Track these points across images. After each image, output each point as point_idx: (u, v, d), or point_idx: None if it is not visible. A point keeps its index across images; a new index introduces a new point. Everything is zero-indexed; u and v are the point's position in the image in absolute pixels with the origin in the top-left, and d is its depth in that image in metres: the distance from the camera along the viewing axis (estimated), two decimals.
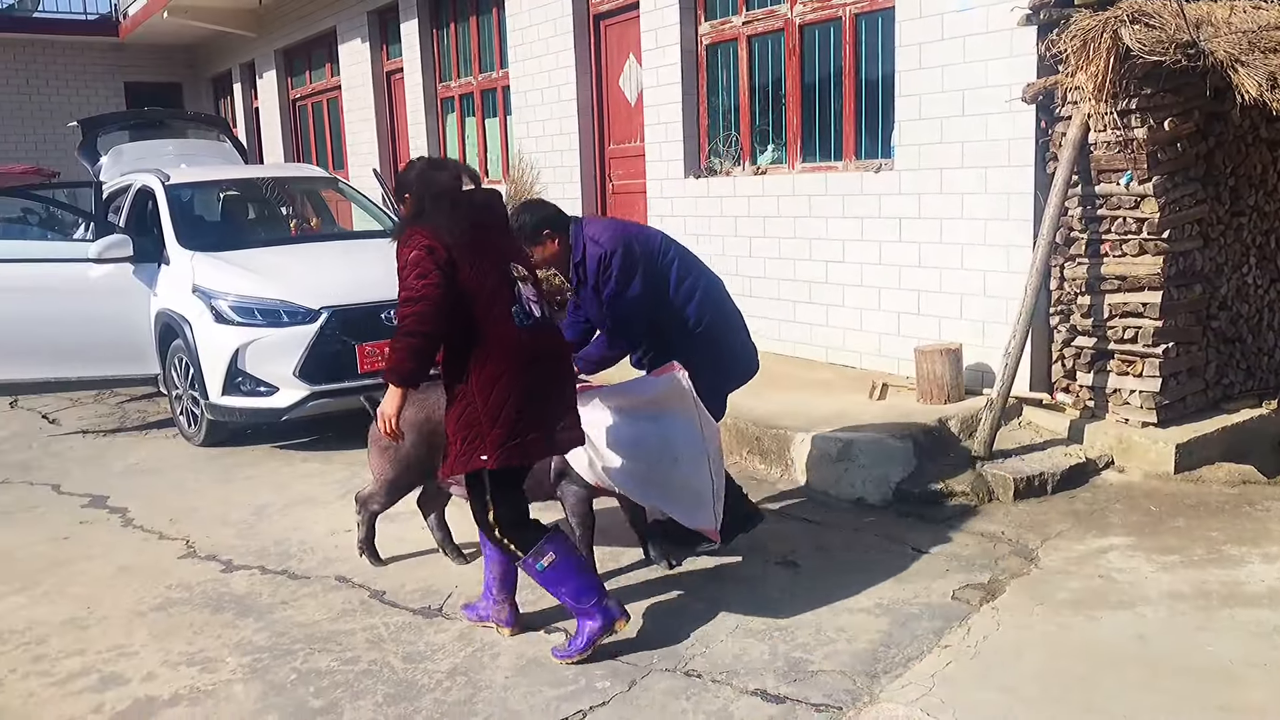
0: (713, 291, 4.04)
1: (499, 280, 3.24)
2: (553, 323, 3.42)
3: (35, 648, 3.64)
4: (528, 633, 3.57)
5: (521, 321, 3.25)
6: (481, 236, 3.25)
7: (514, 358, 3.21)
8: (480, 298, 3.19)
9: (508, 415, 3.19)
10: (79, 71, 17.66)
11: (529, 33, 8.97)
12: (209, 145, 9.67)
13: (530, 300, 3.30)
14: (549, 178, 8.96)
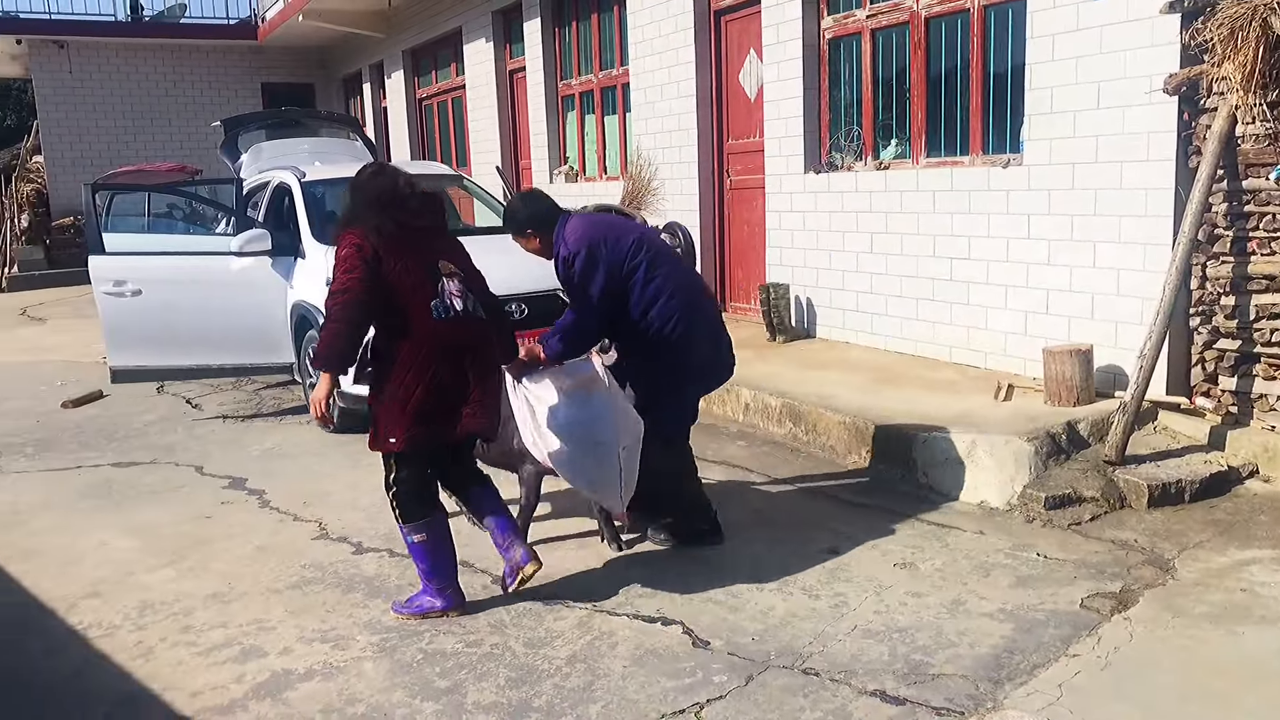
0: (683, 296, 4.10)
1: (423, 276, 3.55)
2: (475, 316, 3.65)
3: (183, 619, 3.85)
4: (646, 624, 3.61)
5: (440, 314, 3.54)
6: (409, 236, 3.56)
7: (427, 348, 3.52)
8: (402, 290, 3.50)
9: (416, 402, 3.52)
10: (220, 73, 18.54)
11: (649, 29, 9.02)
12: (341, 143, 10.02)
13: (453, 295, 3.57)
14: (667, 174, 9.00)
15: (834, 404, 5.69)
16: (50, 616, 3.94)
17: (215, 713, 3.17)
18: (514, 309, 6.18)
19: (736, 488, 5.08)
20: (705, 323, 4.22)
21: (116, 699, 3.29)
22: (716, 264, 8.84)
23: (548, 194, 4.46)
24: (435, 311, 3.54)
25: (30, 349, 10.43)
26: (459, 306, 3.59)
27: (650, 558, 4.22)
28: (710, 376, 4.40)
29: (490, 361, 3.77)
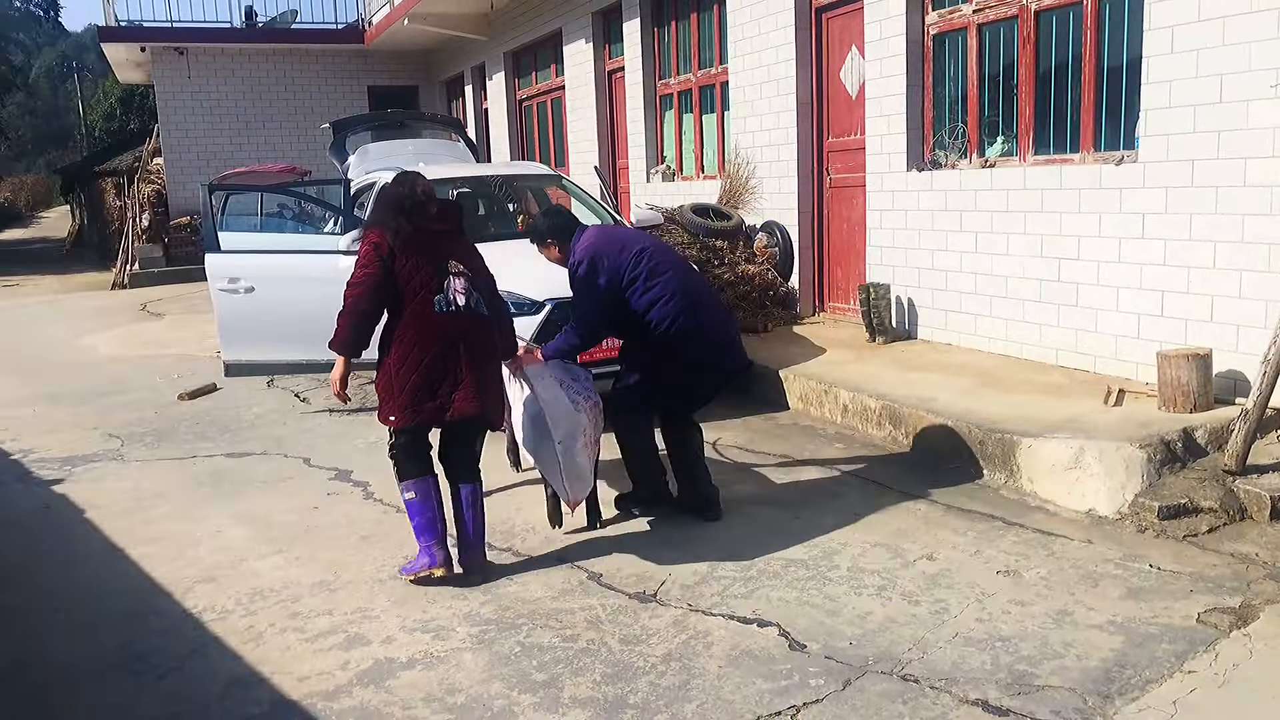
0: (683, 300, 4.50)
1: (431, 273, 3.96)
2: (476, 312, 4.04)
3: (291, 605, 3.98)
4: (742, 625, 3.60)
5: (441, 308, 3.95)
6: (422, 237, 3.98)
7: (425, 337, 3.94)
8: (410, 285, 3.94)
9: (411, 386, 3.96)
10: (328, 77, 19.10)
11: (749, 28, 8.98)
12: (444, 144, 10.22)
13: (456, 292, 3.98)
14: (765, 172, 8.95)
15: (935, 407, 5.58)
16: (167, 599, 4.12)
17: (321, 697, 3.26)
18: None
19: (834, 490, 5.02)
20: (705, 328, 4.56)
21: (228, 680, 3.41)
22: (815, 263, 8.75)
23: (568, 210, 5.02)
24: (438, 305, 3.95)
25: (149, 343, 10.89)
26: (460, 302, 3.99)
27: (747, 560, 4.19)
28: (705, 374, 4.68)
29: (487, 353, 4.11)
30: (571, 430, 4.34)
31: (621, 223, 7.68)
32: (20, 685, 3.48)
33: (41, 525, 5.14)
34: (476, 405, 4.02)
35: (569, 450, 4.33)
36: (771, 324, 8.23)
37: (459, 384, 3.99)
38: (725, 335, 4.69)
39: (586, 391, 4.52)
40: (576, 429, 4.36)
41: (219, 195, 7.85)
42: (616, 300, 4.47)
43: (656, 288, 4.47)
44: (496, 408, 4.23)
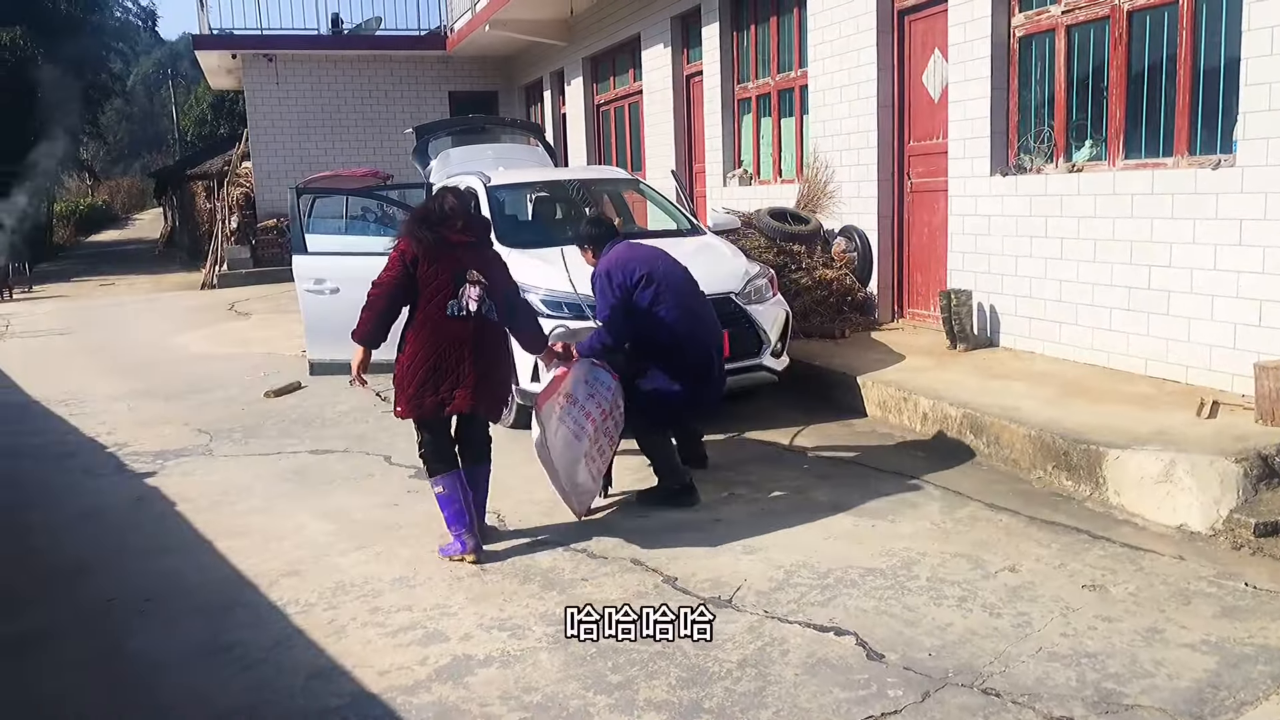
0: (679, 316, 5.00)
1: (449, 280, 4.30)
2: (487, 318, 4.38)
3: (372, 600, 4.06)
4: (819, 633, 3.56)
5: (453, 313, 4.31)
6: (444, 248, 4.32)
7: (434, 338, 4.30)
8: (427, 289, 4.31)
9: (417, 381, 4.31)
10: (410, 82, 19.45)
11: (830, 31, 8.90)
12: (523, 149, 10.34)
13: (469, 299, 4.32)
14: (844, 176, 8.86)
15: (1018, 416, 5.46)
16: (253, 591, 4.23)
17: (401, 692, 3.32)
18: None
19: (912, 499, 4.95)
20: (695, 354, 5.07)
21: (311, 672, 3.49)
22: (894, 268, 8.63)
23: (609, 221, 5.71)
24: (450, 310, 4.31)
25: (237, 342, 11.21)
26: (471, 308, 4.33)
27: (823, 567, 4.15)
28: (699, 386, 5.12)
29: (494, 356, 4.46)
30: (574, 457, 4.64)
31: (698, 226, 7.68)
32: (112, 672, 3.60)
33: (134, 516, 5.33)
34: (471, 403, 4.37)
35: (570, 476, 4.67)
36: (849, 330, 8.14)
37: (460, 382, 4.33)
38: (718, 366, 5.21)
39: (604, 402, 4.76)
40: (579, 454, 4.65)
41: (306, 198, 8.04)
42: (626, 306, 4.94)
43: (661, 308, 4.98)
44: (494, 405, 4.55)
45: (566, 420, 4.61)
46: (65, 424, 7.55)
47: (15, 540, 5.05)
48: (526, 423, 6.52)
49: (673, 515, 4.86)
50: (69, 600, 4.25)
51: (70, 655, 3.73)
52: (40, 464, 6.43)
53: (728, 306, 6.35)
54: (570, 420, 4.61)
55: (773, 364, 6.51)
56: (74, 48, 24.04)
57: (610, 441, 4.86)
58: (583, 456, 4.66)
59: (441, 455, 4.48)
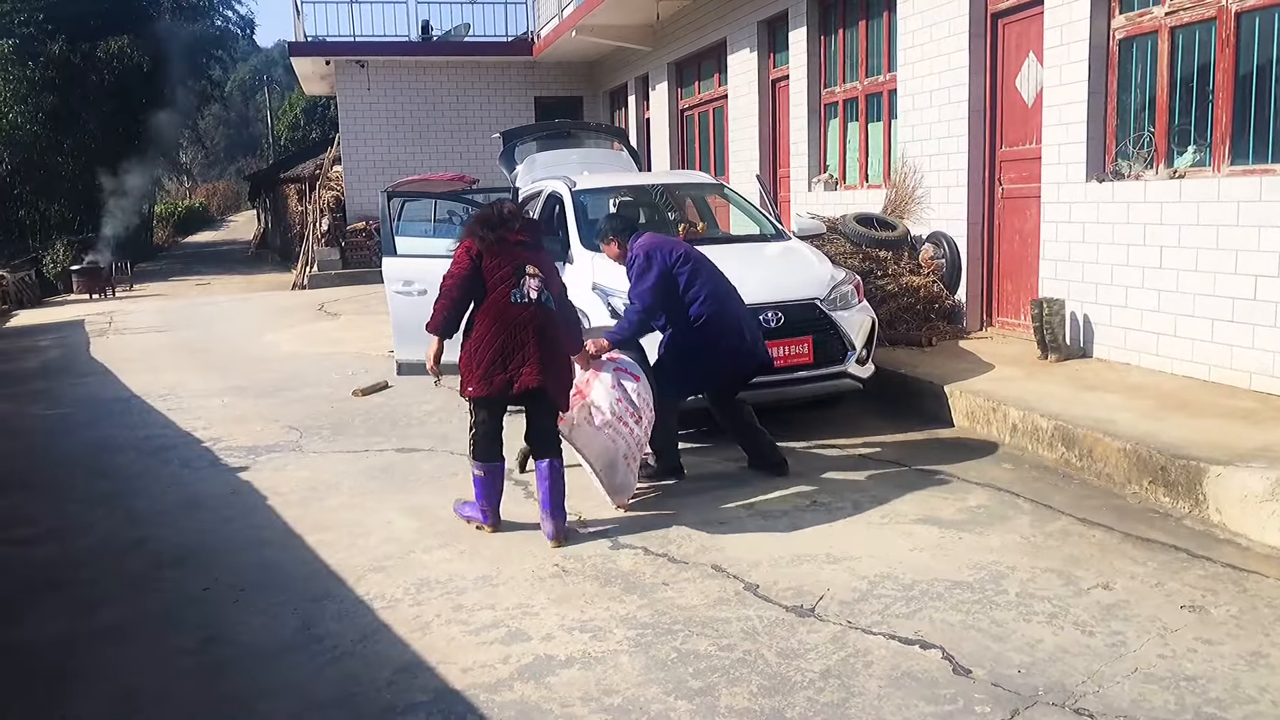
0: (714, 304, 5.36)
1: (510, 272, 4.74)
2: (545, 305, 4.77)
3: (455, 598, 4.12)
4: (903, 645, 3.51)
5: (516, 299, 4.71)
6: (503, 245, 4.78)
7: (501, 322, 4.68)
8: (491, 280, 4.73)
9: (486, 361, 4.67)
10: (497, 88, 19.71)
11: (920, 34, 8.77)
12: (607, 154, 10.38)
13: (530, 289, 4.74)
14: (933, 181, 8.72)
15: (1113, 429, 5.30)
16: (341, 585, 4.32)
17: (484, 689, 3.35)
18: (770, 317, 6.18)
19: (1001, 512, 4.84)
20: (729, 324, 5.40)
21: (397, 666, 3.55)
22: (984, 276, 8.46)
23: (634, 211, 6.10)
24: (514, 297, 4.72)
25: (326, 341, 11.48)
26: (533, 296, 4.75)
27: (908, 579, 4.08)
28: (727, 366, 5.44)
29: (554, 338, 4.79)
30: (611, 460, 4.95)
31: (782, 231, 7.62)
32: (209, 659, 3.71)
33: (229, 508, 5.49)
34: (539, 378, 4.67)
35: (610, 477, 4.98)
36: (936, 338, 8.00)
37: (526, 360, 4.67)
38: (750, 334, 5.50)
39: (632, 407, 5.03)
40: (615, 455, 4.95)
41: (396, 202, 8.19)
42: (666, 286, 5.29)
43: (696, 285, 5.34)
44: (560, 387, 4.84)
45: (605, 430, 4.93)
46: (164, 418, 7.82)
47: (124, 527, 5.25)
48: None
49: (756, 522, 4.83)
50: (171, 587, 4.40)
51: (170, 641, 3.86)
52: (142, 456, 6.67)
53: (812, 312, 6.30)
54: (608, 430, 4.94)
55: (858, 371, 6.43)
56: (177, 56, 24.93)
57: (643, 438, 5.11)
58: (621, 458, 4.96)
59: (490, 442, 4.87)
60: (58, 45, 23.05)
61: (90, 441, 7.18)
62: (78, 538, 5.13)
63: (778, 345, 6.17)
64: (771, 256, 7.19)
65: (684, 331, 5.38)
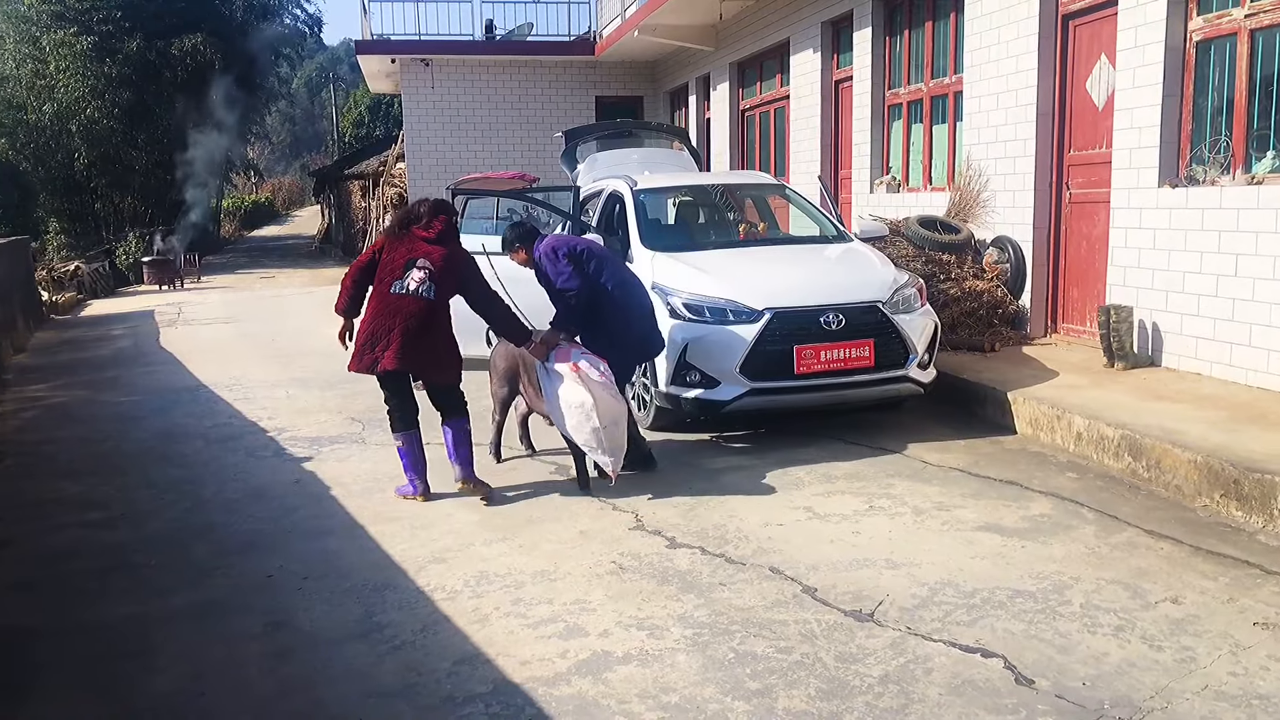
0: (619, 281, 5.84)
1: (400, 264, 5.26)
2: (423, 296, 5.21)
3: (514, 591, 4.15)
4: (964, 653, 3.46)
5: (394, 290, 5.22)
6: (405, 238, 5.36)
7: (376, 308, 5.25)
8: (381, 271, 5.30)
9: (360, 341, 5.28)
10: (558, 87, 19.79)
11: (988, 36, 8.65)
12: (667, 153, 10.39)
13: (411, 280, 5.22)
14: (998, 185, 8.59)
15: (1183, 440, 5.18)
16: (402, 575, 4.38)
17: (542, 683, 3.38)
18: (830, 320, 6.15)
19: (1065, 522, 4.75)
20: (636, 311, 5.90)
21: (457, 657, 3.59)
22: (1049, 281, 8.32)
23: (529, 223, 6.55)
24: (394, 288, 5.23)
25: None
26: (411, 288, 5.21)
27: (969, 587, 4.03)
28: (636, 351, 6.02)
29: (418, 328, 5.20)
30: (615, 418, 5.27)
31: (844, 233, 7.57)
32: (273, 644, 3.79)
33: (293, 497, 5.59)
34: (396, 362, 5.19)
35: (613, 434, 5.25)
36: (998, 343, 7.89)
37: (390, 345, 5.17)
38: (650, 321, 5.99)
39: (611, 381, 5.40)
40: (620, 416, 5.31)
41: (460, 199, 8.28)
42: (580, 272, 5.65)
43: (604, 274, 5.76)
44: (434, 368, 5.37)
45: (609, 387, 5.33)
46: (230, 408, 7.99)
47: (192, 513, 5.38)
48: (666, 423, 6.64)
49: (814, 525, 4.81)
50: (237, 573, 4.49)
51: (236, 625, 3.95)
52: (210, 445, 6.83)
53: (874, 315, 6.25)
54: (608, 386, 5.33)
55: (919, 376, 6.37)
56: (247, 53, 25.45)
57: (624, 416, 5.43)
58: (621, 418, 5.32)
59: (401, 415, 5.40)
60: (135, 43, 23.65)
61: (160, 429, 7.37)
62: (148, 522, 5.27)
63: (837, 348, 6.15)
64: (833, 258, 7.15)
65: (595, 319, 5.76)
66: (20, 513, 5.51)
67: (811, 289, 6.40)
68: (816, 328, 6.13)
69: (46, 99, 23.68)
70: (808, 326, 6.14)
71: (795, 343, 6.12)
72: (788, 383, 6.15)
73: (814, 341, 6.12)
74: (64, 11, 23.61)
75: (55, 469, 6.44)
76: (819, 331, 6.13)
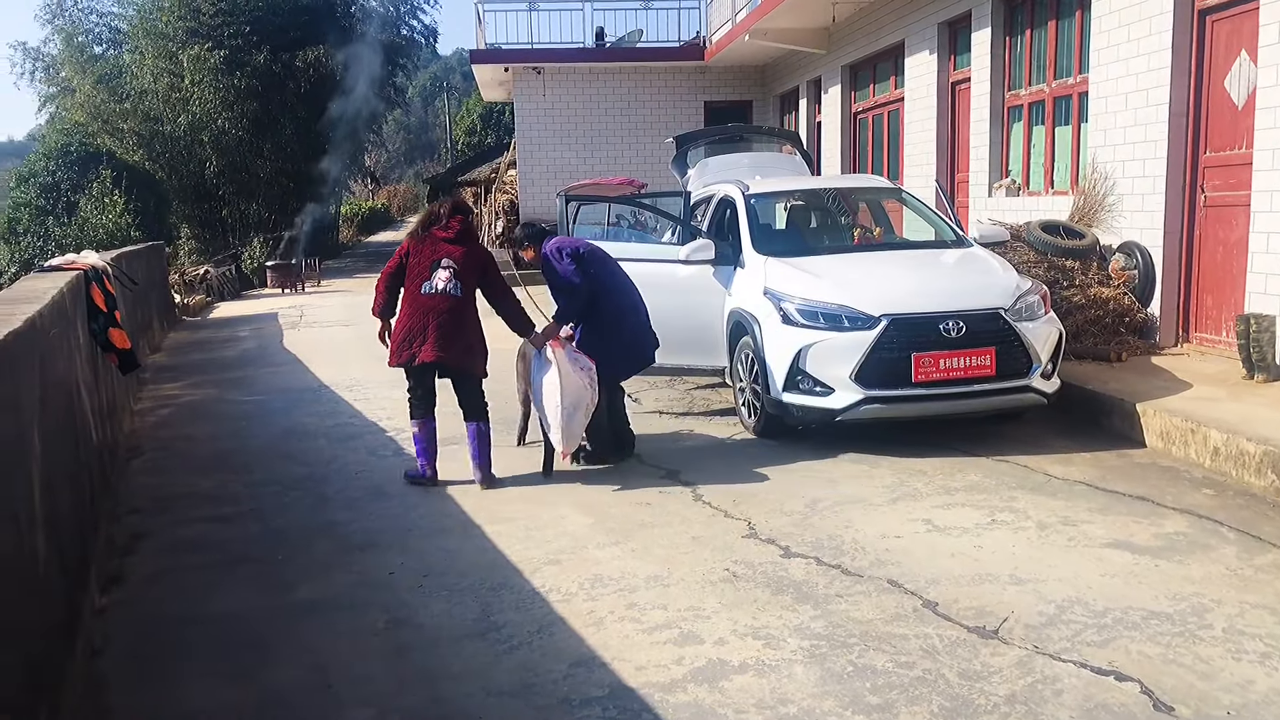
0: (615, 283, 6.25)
1: (426, 265, 5.77)
2: (450, 294, 5.73)
3: (628, 595, 4.16)
4: (1096, 675, 3.32)
5: (425, 290, 5.72)
6: (427, 240, 5.86)
7: (410, 308, 5.76)
8: (411, 274, 5.81)
9: (398, 338, 5.79)
10: (667, 93, 19.86)
11: (1117, 34, 8.33)
12: (779, 158, 10.30)
13: (439, 280, 5.73)
14: (1126, 188, 8.26)
15: None
16: (518, 575, 4.43)
17: (658, 689, 3.37)
18: (950, 327, 6.00)
19: (1203, 541, 4.52)
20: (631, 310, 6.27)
21: (573, 660, 3.61)
22: (1180, 289, 7.96)
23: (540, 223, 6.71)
24: (423, 289, 5.72)
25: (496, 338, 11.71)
26: (439, 287, 5.72)
27: (1099, 606, 3.87)
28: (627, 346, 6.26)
29: (451, 323, 5.72)
30: (577, 402, 5.76)
31: (963, 238, 7.38)
32: (394, 640, 3.87)
33: (411, 496, 5.72)
34: (434, 354, 5.68)
35: (571, 417, 5.73)
36: (1125, 353, 7.58)
37: (426, 340, 5.67)
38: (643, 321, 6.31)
39: (590, 376, 5.87)
40: (581, 401, 5.78)
41: (571, 205, 8.36)
42: (581, 268, 6.06)
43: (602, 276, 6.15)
44: (467, 358, 5.82)
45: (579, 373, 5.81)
46: (350, 408, 8.23)
47: (316, 510, 5.55)
48: (773, 431, 6.58)
49: (933, 537, 4.69)
50: (359, 569, 4.61)
51: (358, 620, 4.05)
52: (331, 443, 7.04)
53: (996, 323, 6.08)
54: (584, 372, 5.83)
55: (1042, 386, 6.16)
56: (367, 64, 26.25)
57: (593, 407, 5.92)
58: (584, 404, 5.81)
59: (420, 404, 5.89)
60: (262, 55, 24.63)
61: (285, 428, 7.64)
62: (274, 518, 5.45)
63: (957, 356, 5.99)
64: (953, 263, 6.98)
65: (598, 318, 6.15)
66: (156, 505, 5.77)
67: (930, 295, 6.26)
68: (936, 335, 5.99)
69: (181, 111, 24.84)
70: (926, 333, 6.01)
71: (913, 350, 5.99)
72: (905, 391, 6.02)
73: (933, 349, 5.98)
74: (198, 28, 24.74)
75: (188, 464, 6.73)
76: (938, 339, 5.99)
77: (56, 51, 27.12)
